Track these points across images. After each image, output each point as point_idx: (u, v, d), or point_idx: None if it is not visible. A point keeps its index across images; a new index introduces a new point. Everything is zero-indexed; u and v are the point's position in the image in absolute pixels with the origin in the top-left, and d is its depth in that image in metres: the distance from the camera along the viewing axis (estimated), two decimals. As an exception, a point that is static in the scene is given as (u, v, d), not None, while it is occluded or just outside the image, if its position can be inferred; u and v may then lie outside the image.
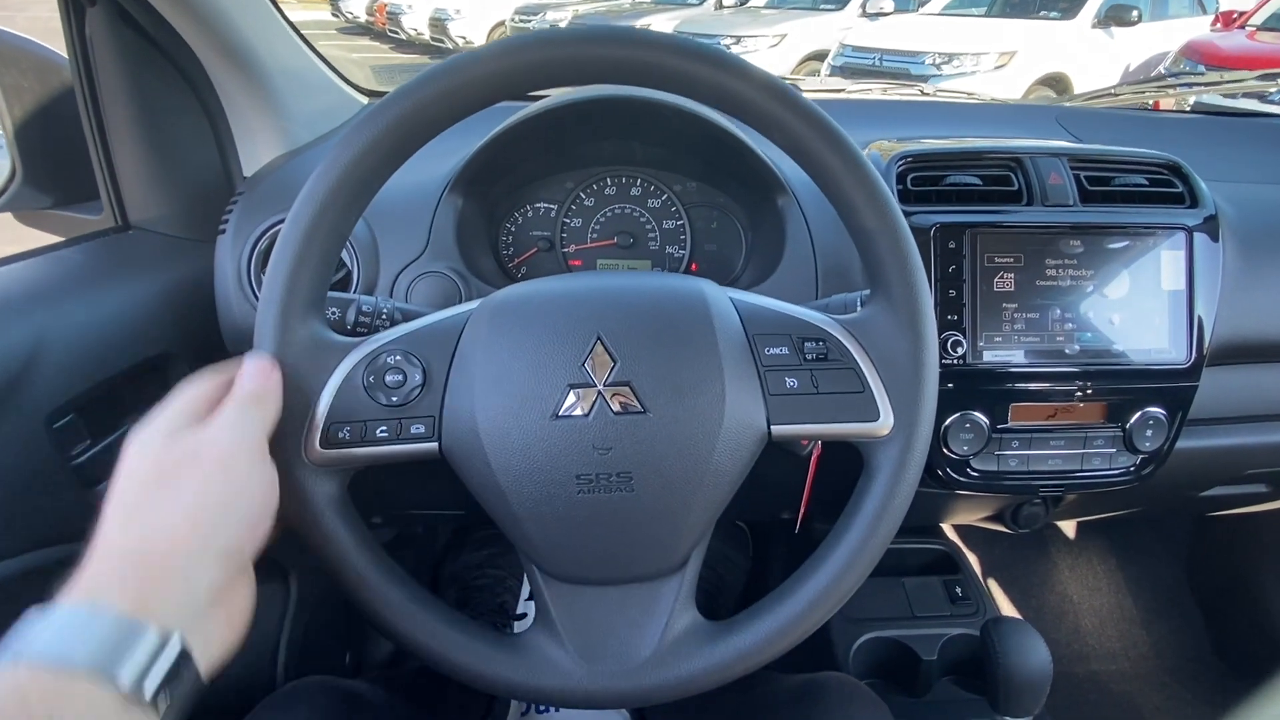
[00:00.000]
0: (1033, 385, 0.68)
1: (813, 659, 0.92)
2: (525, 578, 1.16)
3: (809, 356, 0.46)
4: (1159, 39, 5.23)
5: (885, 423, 0.45)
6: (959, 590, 0.97)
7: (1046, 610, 1.38)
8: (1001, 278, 0.67)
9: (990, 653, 0.67)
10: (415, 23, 9.14)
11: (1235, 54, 4.47)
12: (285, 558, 0.88)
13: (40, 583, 0.56)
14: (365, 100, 0.93)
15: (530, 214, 0.78)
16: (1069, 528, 1.45)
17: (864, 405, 0.46)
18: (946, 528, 1.18)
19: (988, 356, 0.67)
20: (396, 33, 9.55)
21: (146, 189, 0.73)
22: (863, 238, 0.46)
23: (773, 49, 5.66)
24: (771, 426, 0.46)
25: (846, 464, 0.67)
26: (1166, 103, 1.25)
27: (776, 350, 0.47)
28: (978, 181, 0.69)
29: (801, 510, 0.75)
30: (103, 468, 0.61)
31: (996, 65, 4.83)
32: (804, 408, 0.46)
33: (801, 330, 0.47)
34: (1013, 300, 0.67)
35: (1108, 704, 1.26)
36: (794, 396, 0.46)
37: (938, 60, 4.88)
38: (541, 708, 1.09)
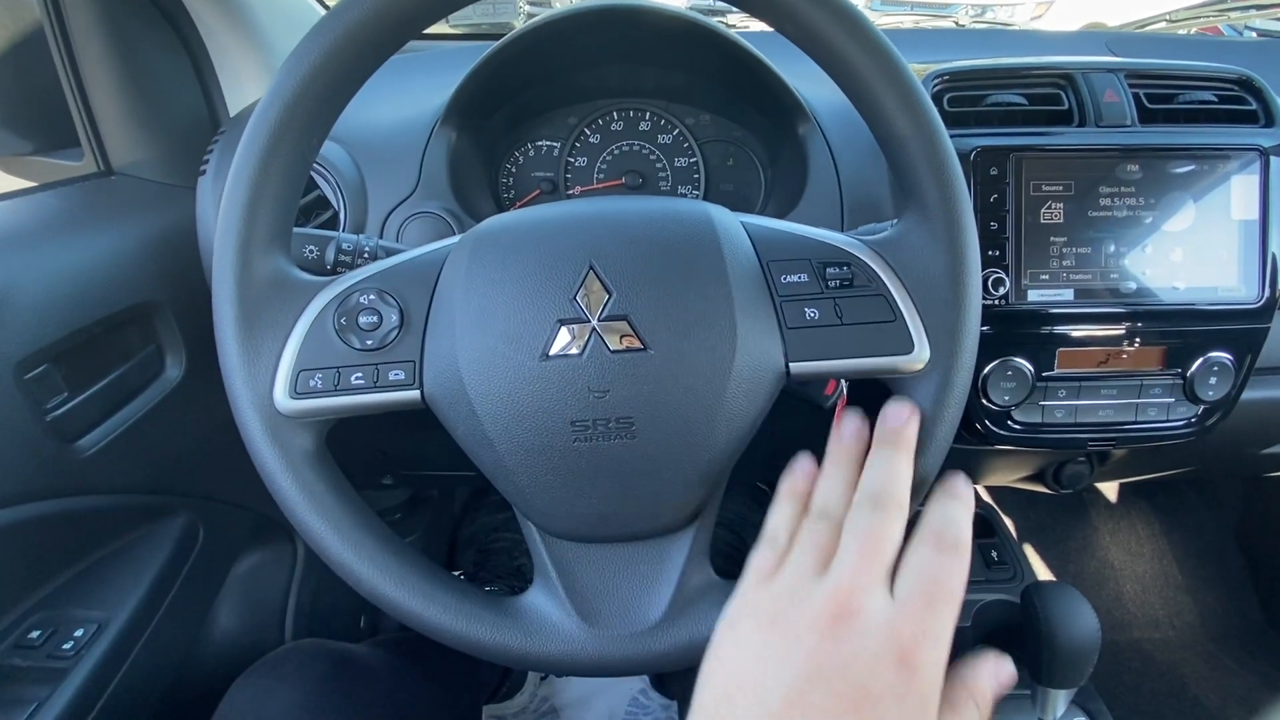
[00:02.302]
0: (1082, 328, 0.62)
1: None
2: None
3: (831, 284, 0.41)
4: (1210, -17, 4.95)
5: (920, 355, 0.40)
6: (995, 554, 0.92)
7: (1086, 576, 1.32)
8: (1049, 208, 0.60)
9: (1033, 619, 0.62)
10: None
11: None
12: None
13: (12, 541, 0.54)
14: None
15: (532, 153, 0.73)
16: (1110, 490, 1.38)
17: (896, 336, 0.40)
18: (980, 489, 1.12)
19: (1032, 296, 0.60)
20: None
21: (129, 133, 0.69)
22: (893, 145, 0.40)
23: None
24: (790, 364, 0.41)
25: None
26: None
27: (794, 278, 0.41)
28: (1023, 101, 0.62)
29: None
30: (82, 422, 0.58)
31: (1034, 16, 4.62)
32: (827, 341, 0.41)
33: (822, 254, 0.42)
34: (1061, 233, 0.60)
35: (1151, 673, 1.20)
36: (815, 329, 0.41)
37: (971, 11, 4.68)
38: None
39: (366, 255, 0.49)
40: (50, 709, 0.52)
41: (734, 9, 0.41)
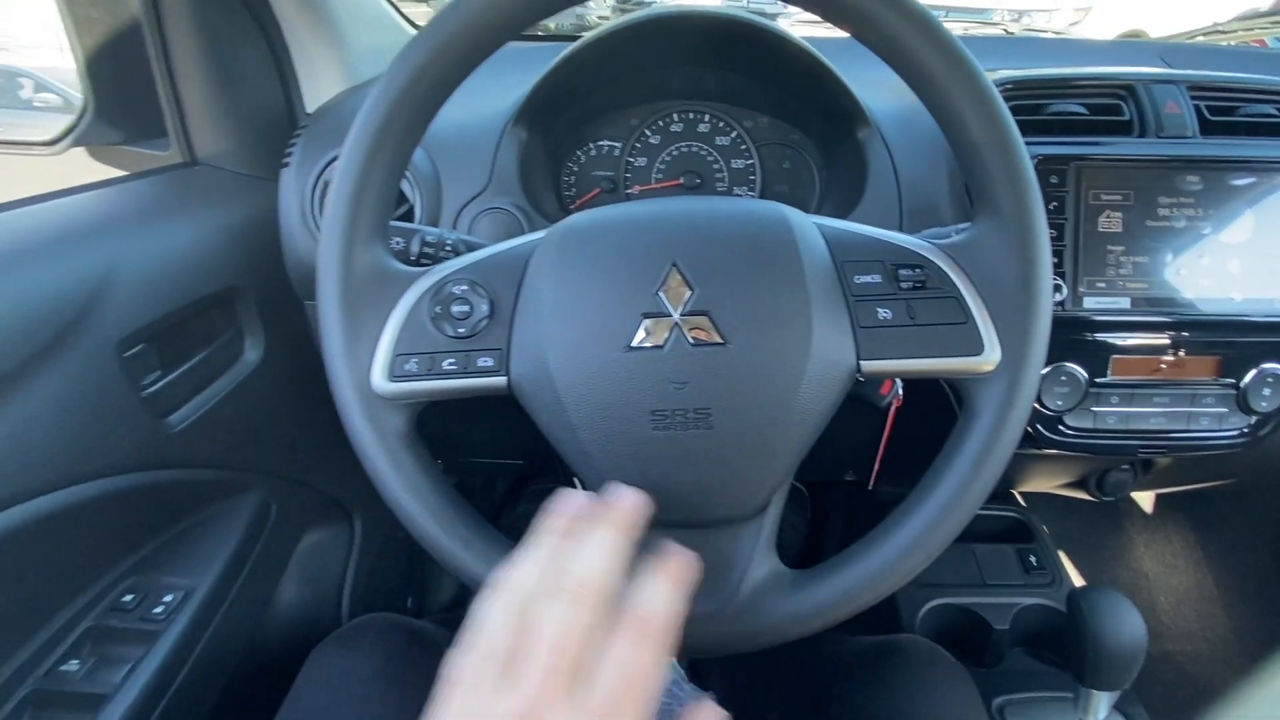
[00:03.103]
0: (1137, 336, 0.63)
1: (878, 622, 0.89)
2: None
3: (904, 285, 0.43)
4: (1254, -10, 4.84)
5: (991, 357, 0.41)
6: (1033, 559, 0.93)
7: (1120, 585, 1.31)
8: (1108, 217, 0.61)
9: (1079, 622, 0.63)
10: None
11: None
12: (349, 499, 0.89)
13: (110, 509, 0.57)
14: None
15: (594, 152, 0.75)
16: (1147, 500, 1.38)
17: (967, 337, 0.42)
18: (1017, 495, 1.12)
19: (1088, 303, 0.62)
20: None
21: (213, 124, 0.72)
22: (968, 151, 0.41)
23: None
24: (861, 362, 0.42)
25: (923, 422, 0.63)
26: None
27: (868, 279, 0.43)
28: (1084, 110, 0.63)
29: (876, 466, 0.71)
30: (173, 399, 0.61)
31: (1071, 22, 4.56)
32: (898, 341, 0.42)
33: (896, 256, 0.43)
34: (1119, 242, 0.62)
35: (1183, 685, 1.20)
36: (887, 329, 0.42)
37: (1006, 17, 4.62)
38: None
39: (449, 248, 0.52)
40: (145, 668, 0.55)
41: (802, 9, 0.42)
